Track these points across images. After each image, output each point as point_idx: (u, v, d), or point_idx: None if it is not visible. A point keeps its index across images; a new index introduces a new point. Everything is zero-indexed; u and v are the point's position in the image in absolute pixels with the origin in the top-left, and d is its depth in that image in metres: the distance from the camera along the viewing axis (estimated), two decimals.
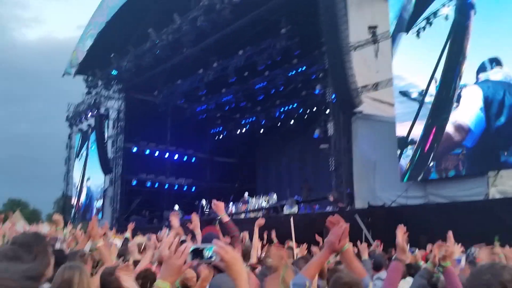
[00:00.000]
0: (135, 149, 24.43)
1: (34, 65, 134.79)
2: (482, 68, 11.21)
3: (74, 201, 28.04)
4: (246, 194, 19.25)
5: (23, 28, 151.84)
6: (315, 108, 20.22)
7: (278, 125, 24.01)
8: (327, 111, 15.74)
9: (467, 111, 11.39)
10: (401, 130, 12.76)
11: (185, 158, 26.42)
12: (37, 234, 2.28)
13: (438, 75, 12.00)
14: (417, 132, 12.37)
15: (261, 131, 25.41)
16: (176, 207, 21.80)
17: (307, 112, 21.67)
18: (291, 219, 6.35)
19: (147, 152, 24.91)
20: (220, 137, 27.57)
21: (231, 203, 19.17)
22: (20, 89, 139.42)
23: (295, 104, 22.20)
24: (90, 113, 25.31)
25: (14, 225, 8.31)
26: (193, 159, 26.86)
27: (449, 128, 11.67)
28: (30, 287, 0.46)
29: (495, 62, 11.02)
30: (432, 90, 12.13)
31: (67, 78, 25.41)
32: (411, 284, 3.31)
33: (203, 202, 20.55)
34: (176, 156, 26.00)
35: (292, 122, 23.14)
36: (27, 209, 58.61)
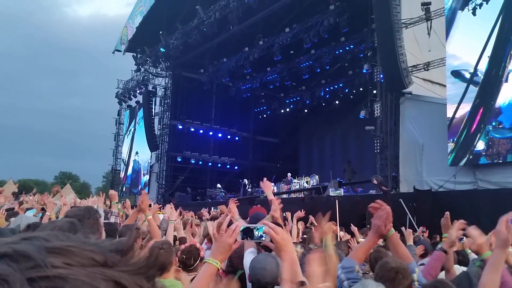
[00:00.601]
0: (180, 127, 24.86)
1: (84, 41, 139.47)
2: None
3: (121, 175, 29.03)
4: (289, 174, 19.21)
5: (75, 5, 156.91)
6: (361, 88, 19.70)
7: (323, 105, 23.66)
8: (374, 92, 15.30)
9: None
10: (452, 112, 12.22)
11: (228, 137, 26.67)
12: (89, 208, 2.36)
13: (489, 53, 11.35)
14: (464, 112, 11.80)
15: (305, 111, 25.16)
16: (218, 185, 22.13)
17: (353, 92, 21.18)
18: (337, 202, 6.30)
19: (192, 130, 25.30)
20: (264, 116, 27.56)
21: (273, 183, 19.21)
22: (71, 64, 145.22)
23: (341, 84, 21.77)
24: (138, 90, 25.91)
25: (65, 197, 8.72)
26: (237, 138, 27.08)
27: (497, 110, 11.06)
28: (117, 261, 0.45)
29: None
30: (482, 69, 11.50)
31: (116, 54, 25.95)
32: (466, 270, 3.20)
33: (245, 181, 20.70)
34: (220, 135, 26.29)
35: (337, 102, 22.74)
36: (78, 182, 61.67)
